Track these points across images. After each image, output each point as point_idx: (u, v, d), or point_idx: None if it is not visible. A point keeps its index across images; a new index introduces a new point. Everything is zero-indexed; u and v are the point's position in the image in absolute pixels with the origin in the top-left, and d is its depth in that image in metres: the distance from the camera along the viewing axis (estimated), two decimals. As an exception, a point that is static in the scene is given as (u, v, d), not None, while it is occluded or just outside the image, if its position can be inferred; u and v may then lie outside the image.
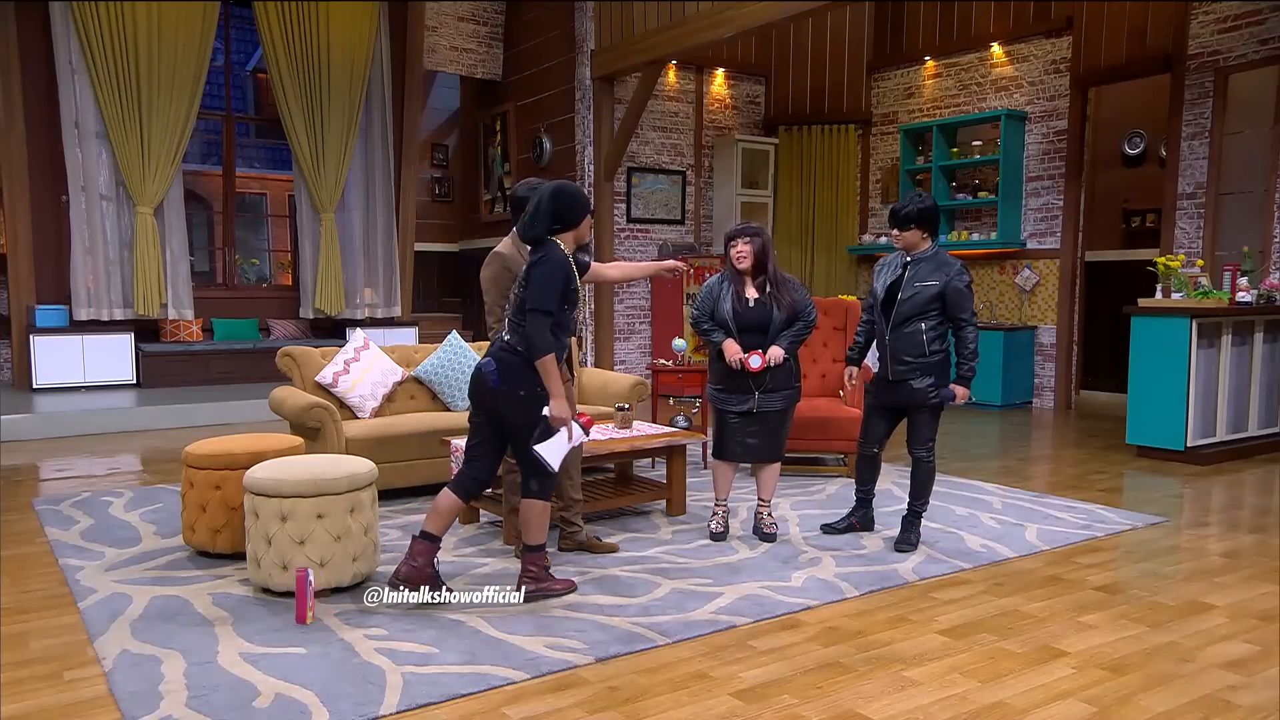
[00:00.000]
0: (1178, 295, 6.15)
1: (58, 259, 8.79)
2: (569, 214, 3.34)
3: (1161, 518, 4.62)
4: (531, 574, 3.39)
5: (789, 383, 4.07)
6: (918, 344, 3.90)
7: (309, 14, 9.56)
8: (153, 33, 8.73)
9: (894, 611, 3.31)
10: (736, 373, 3.99)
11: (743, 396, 4.03)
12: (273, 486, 3.37)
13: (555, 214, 3.33)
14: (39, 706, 2.57)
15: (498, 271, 3.76)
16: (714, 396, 4.12)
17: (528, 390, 3.25)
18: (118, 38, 8.59)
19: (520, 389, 3.26)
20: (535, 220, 3.31)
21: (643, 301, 9.55)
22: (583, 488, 4.58)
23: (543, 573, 3.41)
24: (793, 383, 4.08)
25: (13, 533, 4.34)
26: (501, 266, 3.75)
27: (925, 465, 4.05)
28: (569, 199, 3.35)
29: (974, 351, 3.91)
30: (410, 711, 2.53)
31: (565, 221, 3.34)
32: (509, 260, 3.75)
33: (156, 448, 6.64)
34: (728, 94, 10.01)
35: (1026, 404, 8.82)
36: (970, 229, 9.21)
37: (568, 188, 3.39)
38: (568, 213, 3.34)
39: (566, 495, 3.98)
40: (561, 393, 3.24)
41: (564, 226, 3.34)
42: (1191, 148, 7.50)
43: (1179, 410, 5.89)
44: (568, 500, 3.99)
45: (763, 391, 4.01)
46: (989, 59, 9.02)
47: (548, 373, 3.21)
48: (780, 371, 4.01)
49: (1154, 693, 2.67)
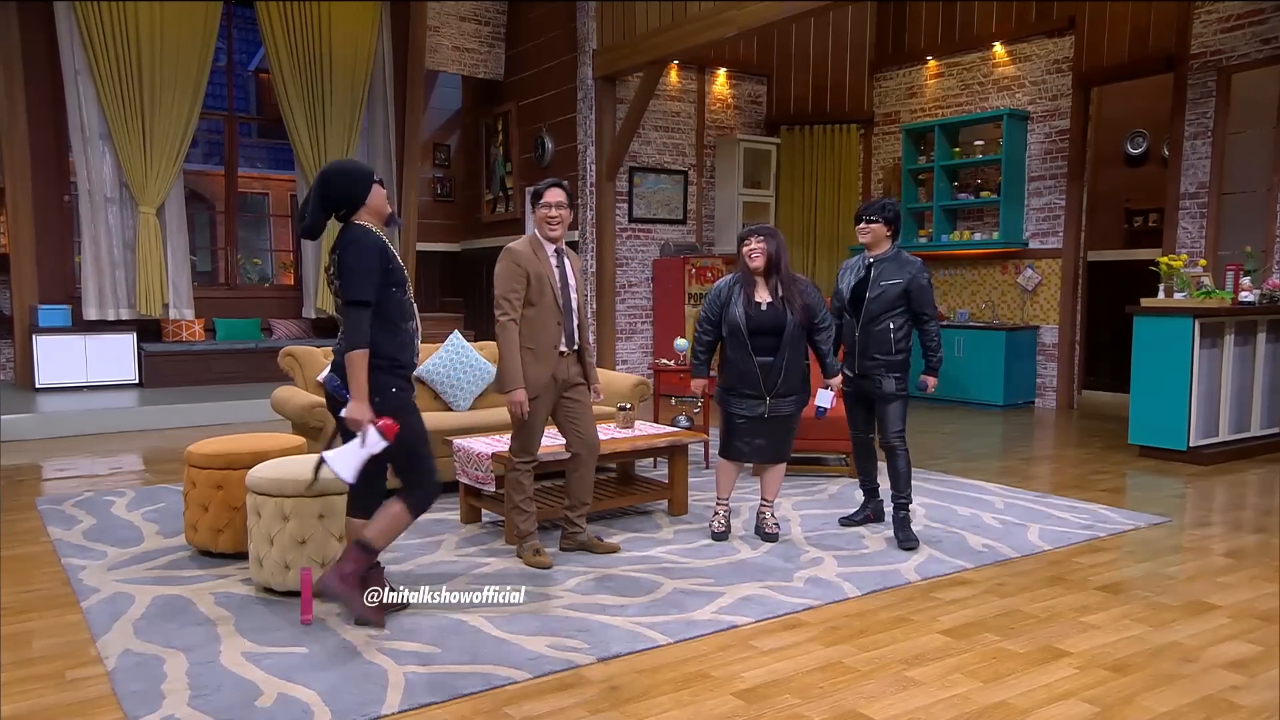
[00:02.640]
0: (1180, 295, 6.14)
1: (61, 259, 8.81)
2: (348, 193, 2.97)
3: (1164, 518, 4.61)
4: (342, 570, 2.97)
5: (800, 387, 4.06)
6: (886, 342, 4.08)
7: (311, 14, 9.57)
8: (155, 33, 8.74)
9: (896, 611, 3.31)
10: (748, 375, 3.98)
11: (755, 401, 4.01)
12: (275, 486, 3.38)
13: (328, 198, 2.96)
14: (42, 705, 2.58)
15: (506, 267, 3.70)
16: (724, 399, 4.11)
17: (381, 397, 2.94)
18: (121, 39, 8.61)
19: (374, 396, 2.92)
20: (306, 211, 2.98)
21: (644, 301, 9.56)
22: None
23: (354, 578, 2.98)
24: (804, 386, 4.08)
25: (15, 532, 4.35)
26: (511, 263, 3.70)
27: (899, 455, 4.12)
28: (341, 177, 2.99)
29: (938, 344, 4.15)
30: (412, 711, 2.53)
31: (348, 203, 2.98)
32: (517, 255, 3.70)
33: (158, 447, 6.65)
34: (729, 94, 10.01)
35: (1028, 404, 8.82)
36: (972, 229, 9.20)
37: (336, 166, 3.04)
38: (346, 192, 2.97)
39: (575, 495, 3.97)
40: (363, 393, 2.88)
41: (350, 208, 2.99)
42: (1194, 147, 7.49)
43: (1181, 410, 5.88)
44: (576, 501, 3.98)
45: (774, 396, 4.00)
46: (991, 58, 9.02)
47: (353, 370, 2.86)
48: (792, 375, 4.00)
49: (1156, 693, 2.67)
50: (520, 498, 3.83)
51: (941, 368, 4.21)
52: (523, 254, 3.71)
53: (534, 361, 3.70)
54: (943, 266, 9.55)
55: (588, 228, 9.16)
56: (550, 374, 3.73)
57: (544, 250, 3.75)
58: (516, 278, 3.67)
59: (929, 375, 4.16)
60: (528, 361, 3.69)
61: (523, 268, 3.67)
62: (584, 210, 9.15)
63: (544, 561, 3.77)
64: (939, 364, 4.15)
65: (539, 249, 3.75)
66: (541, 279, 3.69)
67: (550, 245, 3.77)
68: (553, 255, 3.77)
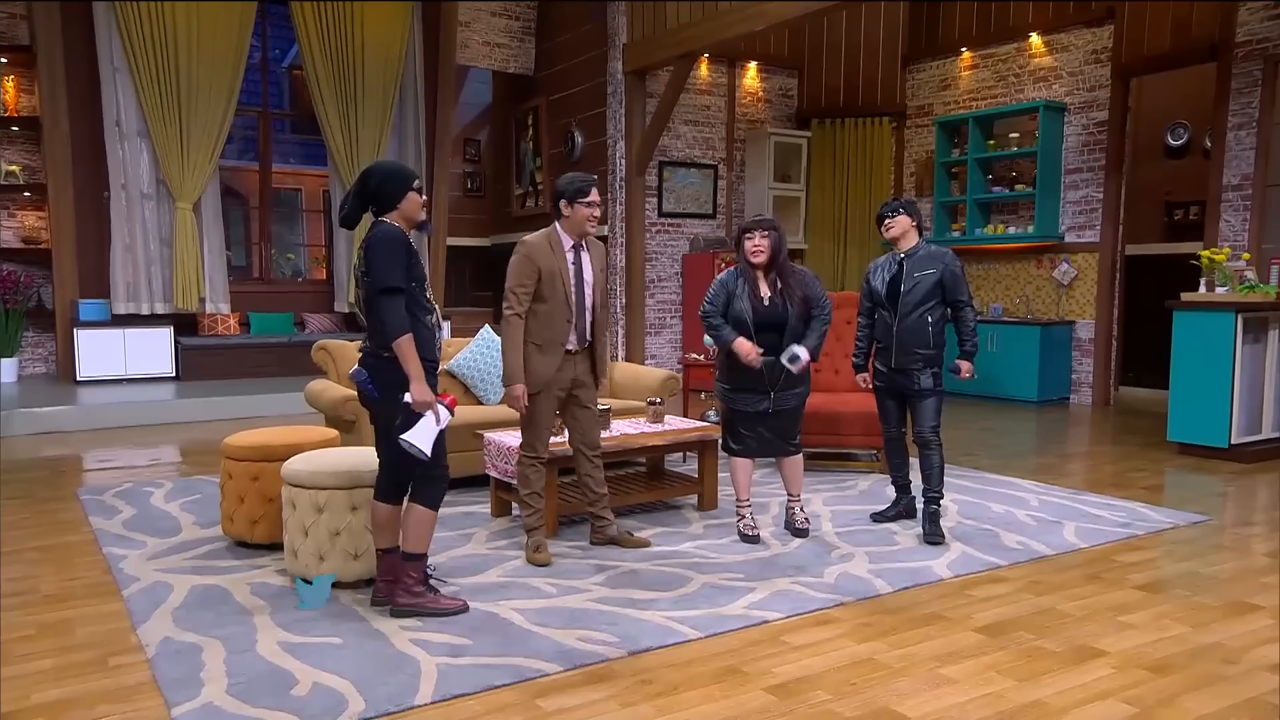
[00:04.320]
0: (1222, 289, 6.01)
1: (100, 254, 8.97)
2: (384, 191, 3.03)
3: (1204, 516, 4.52)
4: (406, 586, 3.13)
5: (803, 379, 4.04)
6: (924, 335, 4.06)
7: (344, 11, 9.66)
8: (192, 31, 8.88)
9: (929, 609, 3.28)
10: (751, 372, 3.94)
11: (758, 397, 3.99)
12: (309, 478, 3.42)
13: (366, 193, 3.04)
14: (84, 691, 2.63)
15: (518, 261, 3.67)
16: (725, 395, 4.09)
17: (404, 388, 2.98)
18: (158, 37, 8.75)
19: (402, 390, 2.98)
20: (346, 202, 3.07)
21: (674, 296, 9.54)
22: (614, 482, 4.60)
23: (419, 585, 3.14)
24: (806, 379, 4.06)
25: (58, 522, 4.45)
26: (523, 256, 3.67)
27: (934, 449, 4.09)
28: (381, 174, 3.04)
29: (974, 330, 4.16)
30: (444, 702, 2.55)
31: (379, 203, 3.04)
32: (531, 250, 3.66)
33: (195, 439, 6.76)
34: (760, 87, 9.95)
35: (1064, 400, 8.69)
36: (1007, 222, 9.07)
37: (380, 165, 3.09)
38: (379, 192, 3.03)
39: (590, 490, 3.98)
40: (420, 375, 2.96)
41: (380, 208, 3.05)
42: (1238, 138, 7.32)
43: (1223, 407, 5.76)
44: (593, 496, 3.98)
45: (778, 390, 3.98)
46: (1027, 49, 8.87)
47: (404, 355, 2.93)
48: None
49: (1197, 694, 2.62)
50: (526, 492, 3.83)
51: (976, 362, 4.19)
52: (537, 249, 3.67)
53: (539, 357, 3.68)
54: (977, 261, 9.43)
55: (617, 222, 9.16)
56: (555, 370, 3.71)
57: (561, 246, 3.71)
58: (527, 273, 3.65)
59: (964, 360, 4.16)
60: (532, 356, 3.68)
61: (534, 263, 3.64)
62: (613, 205, 9.15)
63: (542, 559, 3.74)
64: (974, 350, 4.16)
65: (556, 244, 3.70)
66: (553, 275, 3.66)
67: (569, 240, 3.73)
68: (570, 251, 3.72)
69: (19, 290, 8.59)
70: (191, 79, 8.93)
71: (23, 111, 8.67)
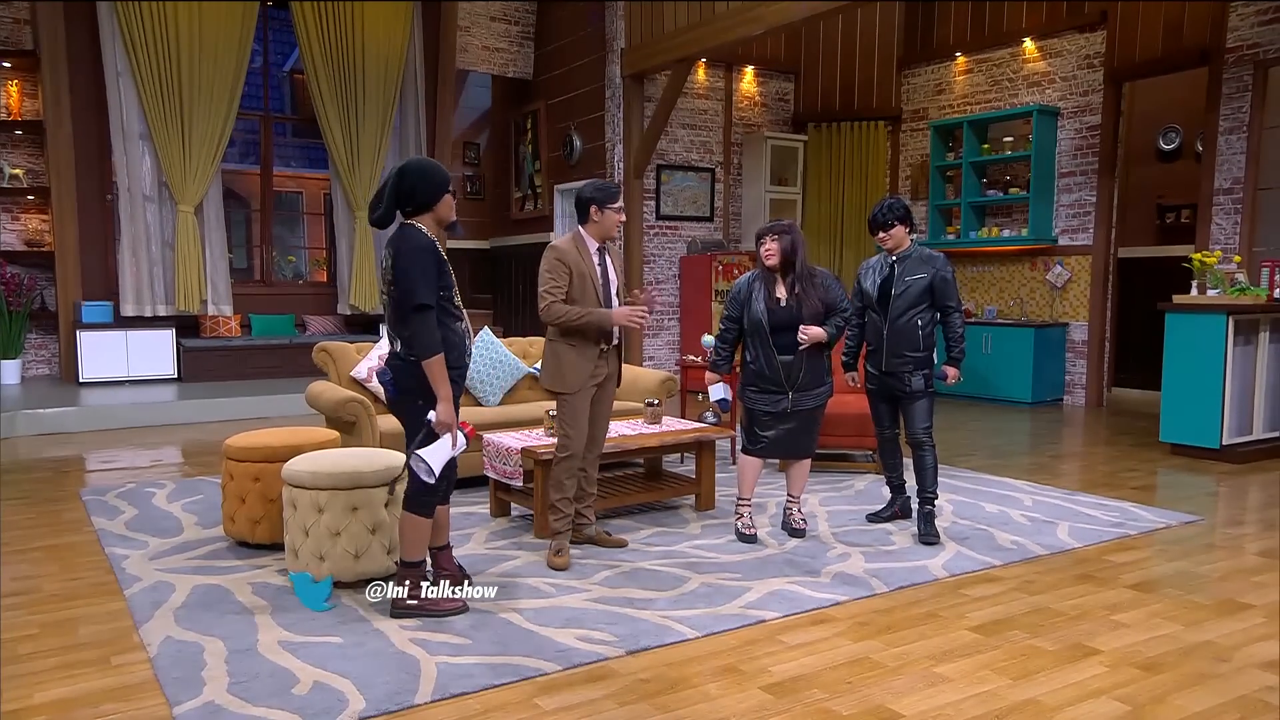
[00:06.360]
0: (1213, 292, 6.06)
1: (103, 256, 9.01)
2: (418, 192, 3.01)
3: (1196, 516, 4.57)
4: (411, 592, 3.18)
5: (822, 380, 4.07)
6: (914, 338, 4.11)
7: (344, 15, 9.70)
8: (194, 35, 8.93)
9: (924, 608, 3.32)
10: (771, 372, 3.99)
11: (777, 397, 4.03)
12: (310, 479, 3.45)
13: (401, 192, 3.00)
14: (87, 690, 2.66)
15: (550, 264, 3.72)
16: (747, 396, 4.13)
17: (426, 398, 3.01)
18: (161, 41, 8.79)
19: (419, 397, 3.03)
20: (378, 201, 3.01)
21: (671, 298, 9.58)
22: (613, 483, 4.64)
23: (418, 589, 3.17)
24: (825, 379, 4.09)
25: (61, 522, 4.48)
26: (554, 259, 3.71)
27: (927, 450, 4.14)
28: (416, 175, 3.02)
29: (961, 335, 4.19)
30: (444, 701, 2.58)
31: (416, 202, 3.02)
32: (561, 253, 3.72)
33: (197, 440, 6.78)
34: (757, 91, 10.00)
35: (1057, 401, 8.73)
36: (1001, 225, 9.12)
37: (415, 163, 3.07)
38: (416, 191, 3.01)
39: (580, 487, 3.98)
40: (449, 396, 3.00)
41: (416, 208, 3.03)
42: (1229, 142, 7.37)
43: (1214, 408, 5.81)
44: (581, 493, 4.00)
45: (796, 390, 4.02)
46: (1021, 54, 8.93)
47: (434, 376, 2.96)
48: (813, 369, 4.01)
49: (1189, 692, 2.66)
50: (558, 497, 3.83)
51: (968, 364, 4.23)
52: (567, 251, 3.73)
53: (576, 358, 3.73)
54: (971, 263, 9.48)
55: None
56: (591, 369, 3.76)
57: (587, 248, 3.77)
58: (559, 274, 3.69)
59: (950, 366, 4.20)
60: (569, 356, 3.71)
61: (566, 264, 3.70)
62: (612, 208, 9.18)
63: (561, 563, 3.76)
64: (961, 356, 4.21)
65: (583, 248, 3.76)
66: (584, 277, 3.71)
67: (594, 243, 3.79)
68: (595, 253, 3.78)
69: (22, 292, 8.63)
70: (194, 83, 8.96)
71: (26, 115, 8.70)
